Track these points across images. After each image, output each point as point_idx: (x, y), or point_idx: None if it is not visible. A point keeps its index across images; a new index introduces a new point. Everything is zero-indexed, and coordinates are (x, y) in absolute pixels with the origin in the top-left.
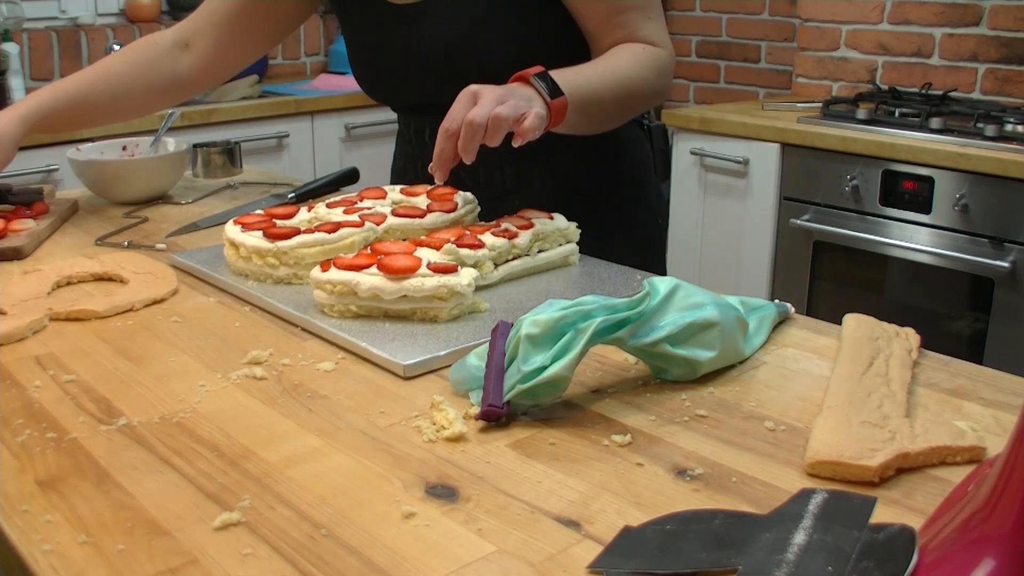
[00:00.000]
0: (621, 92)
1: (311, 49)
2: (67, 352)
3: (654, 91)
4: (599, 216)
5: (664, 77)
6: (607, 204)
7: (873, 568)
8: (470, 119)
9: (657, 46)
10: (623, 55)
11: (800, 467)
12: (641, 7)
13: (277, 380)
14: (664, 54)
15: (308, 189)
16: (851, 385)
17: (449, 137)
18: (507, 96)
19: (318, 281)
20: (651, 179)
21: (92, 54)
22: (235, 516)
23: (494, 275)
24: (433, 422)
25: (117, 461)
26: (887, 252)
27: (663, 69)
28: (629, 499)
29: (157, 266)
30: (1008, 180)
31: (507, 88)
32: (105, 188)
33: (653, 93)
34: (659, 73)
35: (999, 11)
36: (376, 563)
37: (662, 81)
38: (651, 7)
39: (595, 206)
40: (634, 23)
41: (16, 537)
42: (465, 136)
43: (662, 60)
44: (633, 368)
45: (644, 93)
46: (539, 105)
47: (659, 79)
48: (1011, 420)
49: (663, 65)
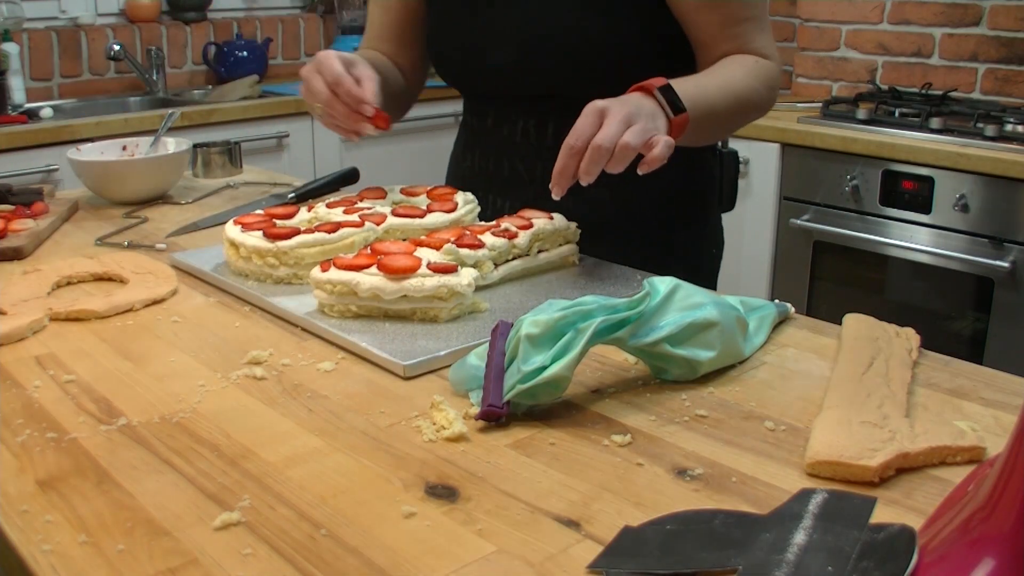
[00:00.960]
0: (735, 106)
1: (311, 49)
2: (67, 352)
3: (764, 104)
4: (652, 238)
5: (774, 91)
6: (663, 227)
7: (873, 568)
8: (597, 143)
9: (768, 58)
10: (737, 67)
11: (800, 467)
12: (755, 18)
13: (277, 380)
14: (774, 67)
15: (308, 189)
16: (851, 385)
17: (573, 155)
18: (634, 117)
19: (318, 281)
20: (713, 207)
21: (92, 54)
22: (235, 516)
23: (494, 275)
24: (433, 422)
25: (117, 461)
26: (887, 252)
27: (773, 82)
28: (629, 499)
29: (157, 266)
30: (1008, 180)
31: (634, 105)
32: (105, 188)
33: (763, 106)
34: (770, 86)
35: (999, 11)
36: (376, 563)
37: (772, 95)
38: (763, 18)
39: (650, 227)
40: (748, 34)
41: (16, 537)
42: (589, 160)
43: (772, 73)
44: (633, 368)
45: (755, 107)
46: (664, 124)
47: (769, 92)
48: (1011, 420)
49: (773, 78)
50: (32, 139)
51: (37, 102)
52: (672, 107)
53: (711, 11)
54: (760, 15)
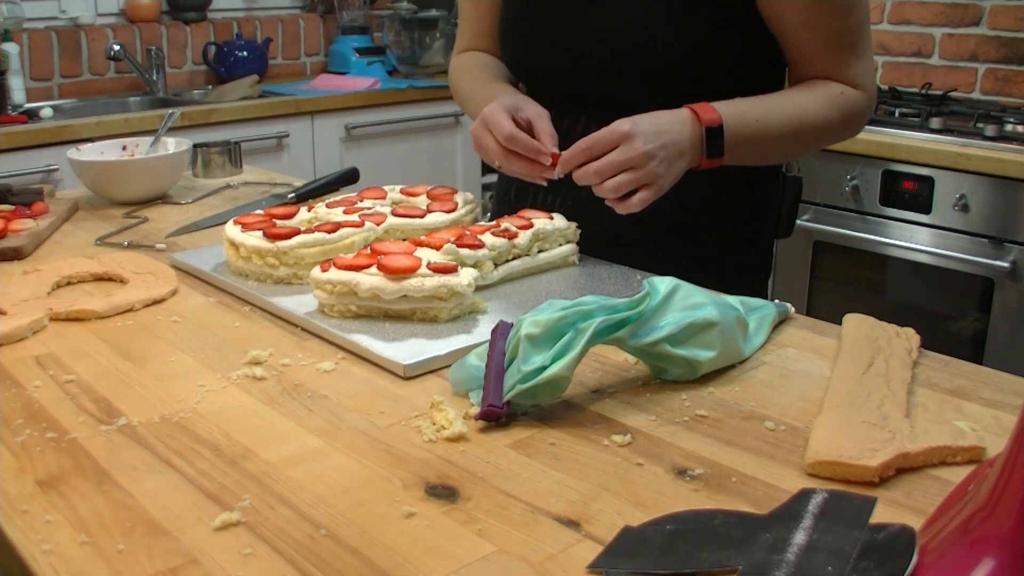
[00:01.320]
0: (796, 135)
1: (311, 49)
2: (67, 352)
3: (836, 136)
4: (700, 259)
5: (853, 124)
6: (716, 249)
7: (873, 568)
8: (597, 174)
9: (858, 88)
10: (817, 94)
11: (800, 467)
12: (854, 44)
13: (277, 380)
14: (862, 99)
15: (308, 189)
16: (851, 385)
17: (580, 153)
18: (653, 153)
19: (318, 281)
20: (767, 233)
21: (92, 54)
22: (235, 516)
23: (494, 275)
24: (433, 422)
25: (117, 461)
26: (887, 252)
27: (855, 115)
28: (629, 499)
29: (157, 266)
30: (1008, 180)
31: (661, 141)
32: (105, 188)
33: (834, 138)
34: (848, 120)
35: (999, 11)
36: (376, 563)
37: (850, 129)
38: (863, 44)
39: (703, 248)
40: (843, 60)
41: (16, 537)
42: (580, 179)
43: (858, 106)
44: (633, 368)
45: (823, 138)
46: (683, 166)
47: (846, 127)
48: (1011, 420)
49: (858, 112)
50: (32, 139)
51: (37, 102)
52: (710, 150)
53: (810, 31)
54: (860, 42)
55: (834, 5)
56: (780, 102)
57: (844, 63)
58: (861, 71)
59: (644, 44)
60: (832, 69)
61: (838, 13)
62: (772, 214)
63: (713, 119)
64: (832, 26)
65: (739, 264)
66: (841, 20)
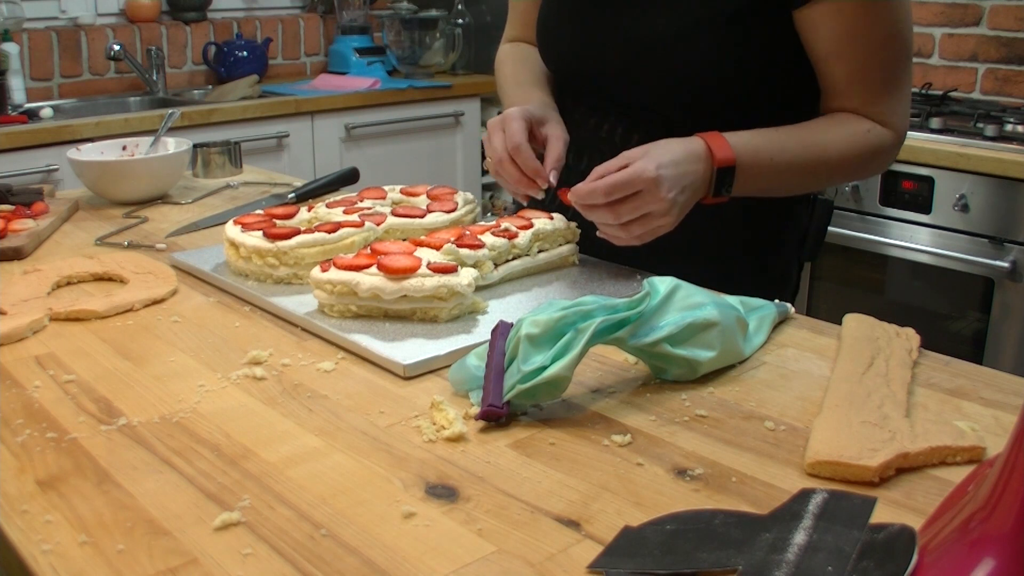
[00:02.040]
0: (813, 173)
1: (311, 49)
2: (67, 352)
3: (856, 176)
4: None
5: (876, 163)
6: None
7: (873, 568)
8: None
9: (886, 126)
10: (840, 133)
11: (800, 467)
12: (888, 80)
13: (277, 380)
14: (890, 138)
15: (308, 189)
16: (851, 385)
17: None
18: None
19: (318, 281)
20: (795, 257)
21: (92, 54)
22: (235, 516)
23: (494, 275)
24: (433, 422)
25: (117, 461)
26: (887, 252)
27: (880, 154)
28: (629, 499)
29: (157, 266)
30: (1008, 180)
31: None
32: (105, 188)
33: (853, 177)
34: (870, 159)
35: (999, 11)
36: (376, 563)
37: (872, 167)
38: (899, 80)
39: (724, 255)
40: (873, 93)
41: (16, 537)
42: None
43: (884, 145)
44: (633, 368)
45: (840, 178)
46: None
47: (866, 166)
48: (1011, 420)
49: (882, 151)
50: (32, 139)
51: (37, 102)
52: (717, 189)
53: (841, 63)
54: (895, 79)
55: (869, 38)
56: (800, 137)
57: (875, 98)
58: (894, 107)
59: (678, 52)
60: (862, 102)
61: (873, 47)
62: (799, 238)
63: (727, 159)
64: (865, 59)
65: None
66: (875, 54)
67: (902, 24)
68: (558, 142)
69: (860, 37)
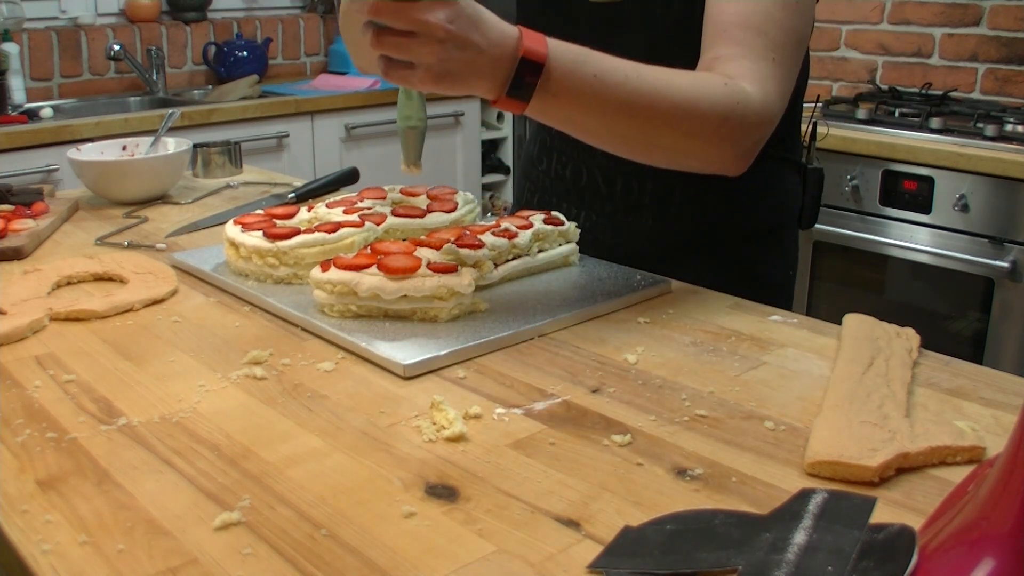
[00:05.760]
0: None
1: (311, 49)
2: (67, 352)
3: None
4: (727, 257)
5: (729, 123)
6: (741, 247)
7: (873, 568)
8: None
9: (753, 85)
10: (690, 76)
11: (800, 467)
12: (771, 44)
13: (277, 380)
14: (754, 99)
15: (308, 189)
16: (851, 385)
17: None
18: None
19: (318, 281)
20: (792, 227)
21: (92, 54)
22: (235, 516)
23: (494, 275)
24: (433, 422)
25: (117, 461)
26: (887, 252)
27: (736, 112)
28: (629, 499)
29: (157, 266)
30: (1008, 180)
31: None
32: (105, 188)
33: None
34: (726, 116)
35: (999, 11)
36: (376, 563)
37: (727, 128)
38: (783, 46)
39: (725, 245)
40: (752, 47)
41: (16, 537)
42: None
43: (743, 102)
44: (633, 368)
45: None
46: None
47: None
48: (1011, 420)
49: (739, 108)
50: (32, 139)
51: (37, 102)
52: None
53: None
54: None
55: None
56: (640, 67)
57: (752, 52)
58: (767, 73)
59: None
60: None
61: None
62: (795, 210)
63: (537, 52)
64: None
65: (767, 266)
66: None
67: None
68: None
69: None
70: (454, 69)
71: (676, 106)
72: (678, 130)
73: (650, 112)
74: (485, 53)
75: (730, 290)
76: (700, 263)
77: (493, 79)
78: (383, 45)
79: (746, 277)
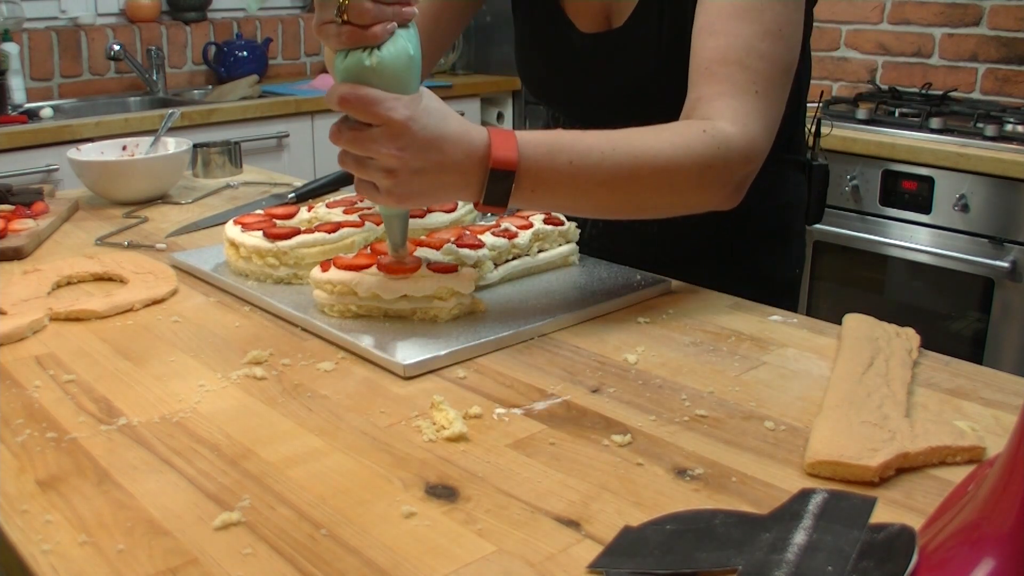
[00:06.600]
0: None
1: (311, 49)
2: (67, 352)
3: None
4: (734, 259)
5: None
6: (747, 248)
7: (873, 568)
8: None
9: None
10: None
11: (800, 467)
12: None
13: (277, 380)
14: (736, 138)
15: (308, 189)
16: (851, 385)
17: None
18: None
19: (318, 281)
20: (798, 225)
21: (92, 54)
22: (235, 516)
23: (494, 275)
24: (433, 422)
25: (117, 461)
26: (887, 252)
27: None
28: (629, 499)
29: (157, 266)
30: (1008, 180)
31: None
32: (105, 188)
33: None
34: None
35: (999, 11)
36: (376, 563)
37: (709, 176)
38: (769, 81)
39: (732, 247)
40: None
41: (16, 537)
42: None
43: (722, 147)
44: (633, 368)
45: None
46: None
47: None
48: (1011, 420)
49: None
50: (32, 139)
51: (37, 102)
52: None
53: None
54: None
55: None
56: (612, 137)
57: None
58: (751, 108)
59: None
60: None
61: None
62: (801, 210)
63: (507, 160)
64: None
65: (774, 266)
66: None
67: (789, 29)
68: None
69: (741, 18)
70: (417, 190)
71: (656, 170)
72: (663, 191)
73: (632, 183)
74: (450, 171)
75: (738, 291)
76: (707, 267)
77: (467, 190)
78: (346, 164)
79: (753, 277)
